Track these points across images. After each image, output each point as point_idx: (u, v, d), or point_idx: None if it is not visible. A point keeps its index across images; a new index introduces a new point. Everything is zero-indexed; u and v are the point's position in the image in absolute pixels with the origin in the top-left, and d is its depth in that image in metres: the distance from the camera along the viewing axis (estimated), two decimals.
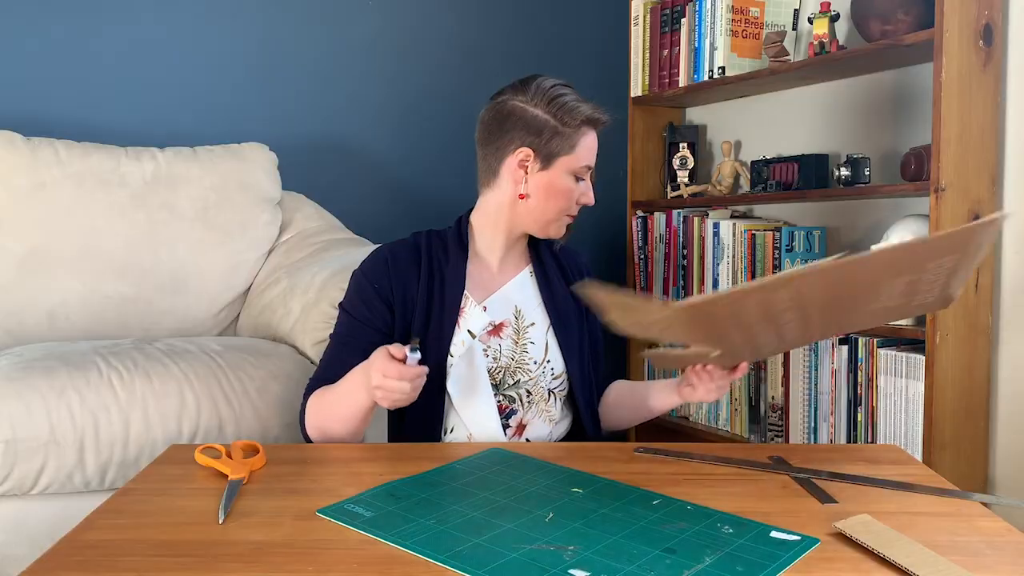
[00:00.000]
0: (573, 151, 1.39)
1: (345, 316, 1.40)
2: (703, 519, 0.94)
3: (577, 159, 1.40)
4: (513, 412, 1.40)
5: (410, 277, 1.40)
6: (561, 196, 1.40)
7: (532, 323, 1.43)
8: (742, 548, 0.86)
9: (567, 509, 0.97)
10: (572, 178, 1.40)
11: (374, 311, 1.38)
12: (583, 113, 1.39)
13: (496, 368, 1.39)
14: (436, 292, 1.39)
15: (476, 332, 1.38)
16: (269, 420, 1.68)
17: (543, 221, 1.42)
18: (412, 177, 2.78)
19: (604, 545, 0.87)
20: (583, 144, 1.40)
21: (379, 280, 1.39)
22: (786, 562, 0.83)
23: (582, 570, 0.81)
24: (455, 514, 0.94)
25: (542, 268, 1.48)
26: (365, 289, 1.39)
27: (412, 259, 1.42)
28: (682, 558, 0.84)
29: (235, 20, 2.52)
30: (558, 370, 1.43)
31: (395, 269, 1.40)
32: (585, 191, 1.43)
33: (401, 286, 1.39)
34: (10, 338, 1.95)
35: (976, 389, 1.96)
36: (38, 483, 1.53)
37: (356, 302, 1.40)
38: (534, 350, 1.42)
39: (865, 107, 2.32)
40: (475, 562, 0.82)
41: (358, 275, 1.42)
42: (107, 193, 2.06)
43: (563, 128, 1.38)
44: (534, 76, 1.43)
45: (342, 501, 0.97)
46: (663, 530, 0.91)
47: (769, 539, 0.89)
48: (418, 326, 1.37)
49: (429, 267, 1.41)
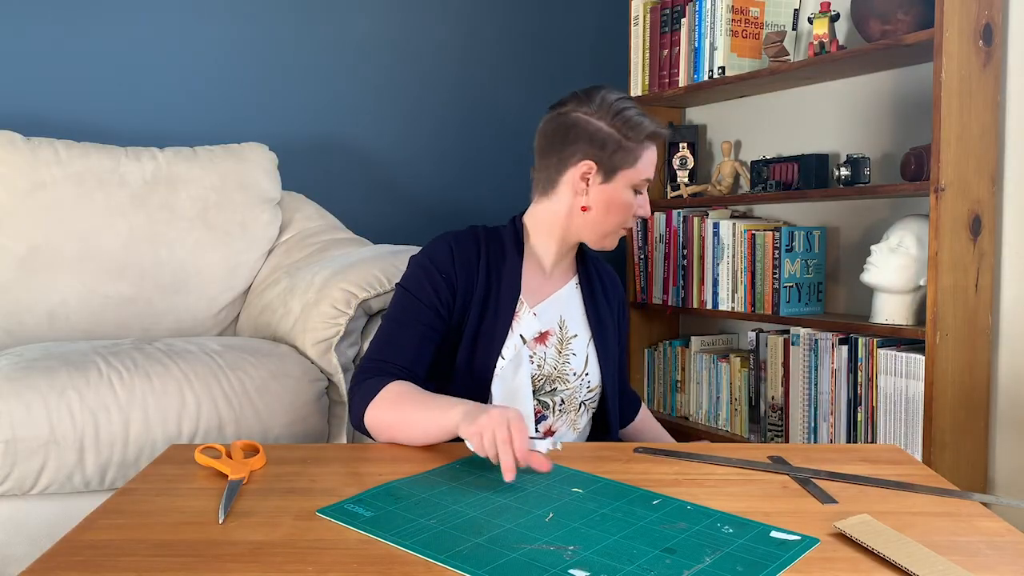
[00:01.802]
0: (635, 165, 1.39)
1: (404, 296, 1.37)
2: (703, 519, 0.94)
3: (638, 173, 1.40)
4: (543, 418, 1.41)
5: (471, 269, 1.39)
6: (621, 209, 1.40)
7: (575, 335, 1.44)
8: (742, 548, 0.86)
9: (567, 509, 0.97)
10: (631, 192, 1.41)
11: (439, 292, 1.36)
12: (647, 128, 1.39)
13: (539, 375, 1.40)
14: (493, 290, 1.39)
15: (527, 338, 1.38)
16: (269, 420, 1.68)
17: (600, 233, 1.42)
18: (412, 177, 2.78)
19: (604, 545, 0.86)
20: (645, 158, 1.40)
21: (444, 266, 1.37)
22: (786, 562, 0.83)
23: (582, 570, 0.81)
24: (455, 514, 0.94)
25: (588, 280, 1.49)
26: (430, 271, 1.37)
27: (473, 251, 1.41)
28: (682, 558, 0.84)
29: (235, 20, 2.52)
30: (594, 383, 1.45)
31: (459, 257, 1.39)
32: (642, 204, 1.44)
33: (464, 275, 1.38)
34: (10, 338, 1.95)
35: (976, 389, 1.96)
36: (38, 483, 1.53)
37: (420, 282, 1.36)
38: (575, 361, 1.43)
39: (865, 107, 2.32)
40: (475, 562, 0.82)
41: (422, 259, 1.39)
42: (107, 193, 2.06)
43: (627, 143, 1.38)
44: (598, 88, 1.41)
45: (342, 501, 0.97)
46: (663, 530, 0.90)
47: (769, 539, 0.89)
48: (473, 322, 1.37)
49: (488, 263, 1.40)
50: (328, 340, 1.79)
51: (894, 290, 2.04)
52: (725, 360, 2.51)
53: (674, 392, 2.69)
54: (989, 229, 1.95)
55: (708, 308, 2.51)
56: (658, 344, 2.76)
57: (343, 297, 1.79)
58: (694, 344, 2.63)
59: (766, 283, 2.34)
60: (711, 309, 2.50)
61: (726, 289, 2.46)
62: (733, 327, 2.74)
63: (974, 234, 1.93)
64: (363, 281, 1.81)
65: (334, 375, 1.79)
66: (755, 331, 2.37)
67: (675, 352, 2.69)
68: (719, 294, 2.48)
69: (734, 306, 2.44)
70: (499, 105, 2.88)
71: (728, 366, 2.49)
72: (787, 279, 2.30)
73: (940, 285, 1.88)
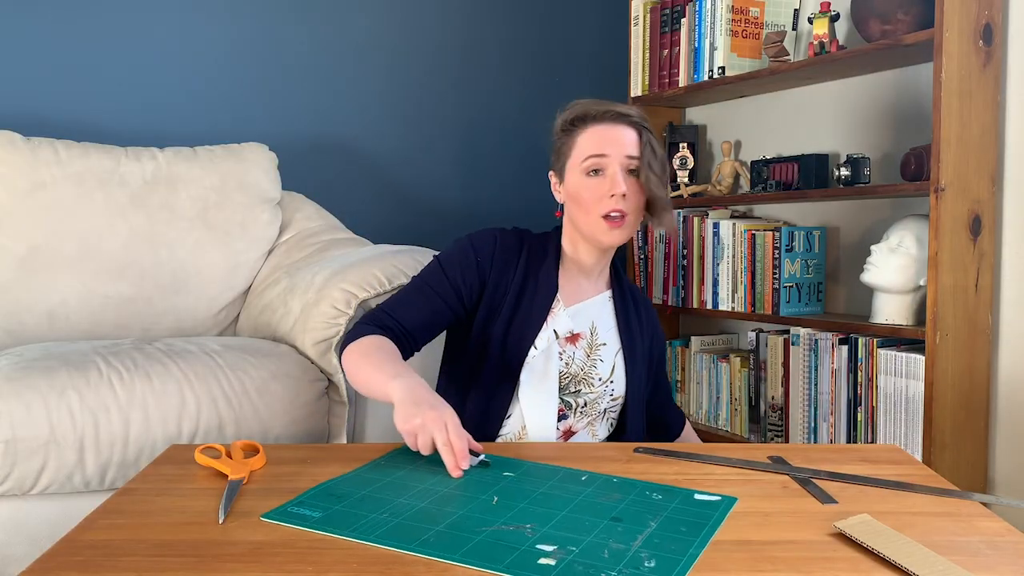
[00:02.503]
0: (572, 153, 1.40)
1: (437, 268, 1.42)
2: (632, 489, 1.02)
3: (579, 155, 1.39)
4: (565, 417, 1.42)
5: (509, 265, 1.43)
6: (581, 199, 1.39)
7: (604, 343, 1.46)
8: (676, 511, 0.95)
9: (507, 492, 1.00)
10: (584, 177, 1.38)
11: (467, 278, 1.40)
12: (572, 115, 1.41)
13: (565, 373, 1.42)
14: (530, 283, 1.42)
15: (560, 333, 1.41)
16: (269, 420, 1.68)
17: (583, 231, 1.41)
18: (412, 177, 2.78)
19: (557, 520, 0.92)
20: (581, 142, 1.39)
21: (484, 255, 1.42)
22: (718, 520, 0.93)
23: (548, 544, 0.85)
24: (403, 507, 0.95)
25: (622, 297, 1.50)
26: (468, 256, 1.42)
27: (515, 249, 1.44)
28: (630, 525, 0.91)
29: (235, 20, 2.52)
30: (618, 392, 1.46)
31: (501, 251, 1.43)
32: (608, 182, 1.37)
33: (500, 269, 1.42)
34: (10, 338, 1.95)
35: (976, 389, 1.96)
36: (38, 483, 1.53)
37: (455, 262, 1.41)
38: (602, 367, 1.45)
39: (865, 107, 2.32)
40: (444, 548, 0.84)
41: (465, 243, 1.43)
42: (107, 193, 2.06)
43: (562, 138, 1.42)
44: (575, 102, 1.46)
45: (285, 504, 0.96)
46: (602, 502, 0.97)
47: (695, 501, 0.99)
48: (503, 318, 1.40)
49: (527, 264, 1.43)
50: (328, 340, 1.79)
51: (894, 290, 2.04)
52: (725, 360, 2.51)
53: (674, 392, 2.69)
54: (989, 229, 1.95)
55: (708, 308, 2.51)
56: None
57: (343, 297, 1.79)
58: (694, 344, 2.63)
59: (766, 283, 2.34)
60: (711, 309, 2.50)
61: (726, 289, 2.46)
62: (733, 327, 2.74)
63: (974, 234, 1.93)
64: (363, 281, 1.81)
65: (334, 375, 1.79)
66: (755, 331, 2.37)
67: (675, 352, 2.69)
68: (719, 294, 2.48)
69: (734, 306, 2.44)
70: (499, 105, 2.88)
71: (728, 366, 2.49)
72: (787, 279, 2.30)
73: (940, 285, 1.88)
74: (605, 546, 0.85)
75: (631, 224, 1.38)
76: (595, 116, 1.40)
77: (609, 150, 1.37)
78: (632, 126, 1.39)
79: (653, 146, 1.39)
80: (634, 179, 1.38)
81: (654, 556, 0.83)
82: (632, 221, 1.38)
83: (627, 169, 1.37)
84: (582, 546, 0.85)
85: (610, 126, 1.39)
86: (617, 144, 1.37)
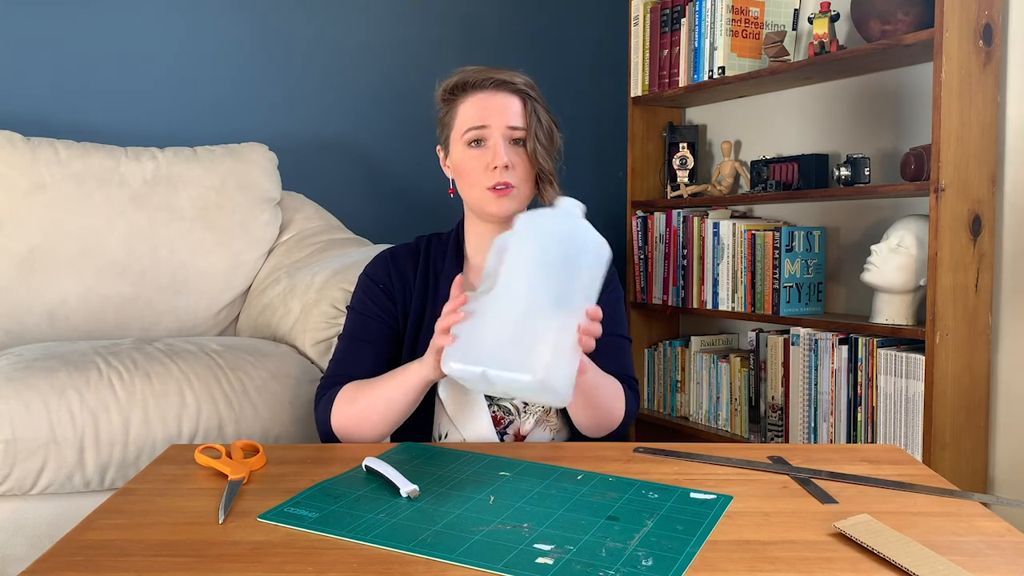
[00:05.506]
0: (454, 123, 1.36)
1: (353, 314, 1.40)
2: (628, 488, 1.02)
3: (460, 127, 1.34)
4: (510, 423, 1.35)
5: (408, 277, 1.40)
6: (464, 172, 1.34)
7: None
8: (673, 510, 0.95)
9: (503, 492, 1.00)
10: (468, 149, 1.33)
11: (380, 304, 1.39)
12: (452, 81, 1.36)
13: None
14: (431, 296, 1.38)
15: None
16: (269, 420, 1.68)
17: (473, 205, 1.37)
18: (412, 177, 2.78)
19: (554, 519, 0.92)
20: (461, 111, 1.35)
21: (381, 277, 1.40)
22: (714, 518, 0.93)
23: (546, 543, 0.85)
24: (400, 507, 0.95)
25: None
26: (369, 287, 1.41)
27: (411, 259, 1.42)
28: (627, 523, 0.91)
29: (235, 20, 2.52)
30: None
31: (395, 267, 1.41)
32: (488, 153, 1.32)
33: (400, 283, 1.40)
34: (10, 338, 1.95)
35: (976, 389, 1.96)
36: (38, 483, 1.53)
37: (363, 299, 1.40)
38: None
39: (865, 107, 2.32)
40: (442, 548, 0.84)
41: (362, 277, 1.43)
42: (107, 193, 2.06)
43: (443, 109, 1.39)
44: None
45: (281, 504, 0.96)
46: (598, 501, 0.98)
47: (691, 499, 0.99)
48: (411, 329, 1.37)
49: (426, 270, 1.41)
50: (328, 340, 1.79)
51: (894, 290, 2.04)
52: (725, 360, 2.51)
53: (674, 392, 2.69)
54: (989, 229, 1.95)
55: (708, 308, 2.51)
56: (658, 344, 2.76)
57: (343, 297, 1.79)
58: (694, 344, 2.63)
59: (766, 283, 2.34)
60: (711, 309, 2.50)
61: (726, 289, 2.46)
62: (733, 327, 2.74)
63: (974, 234, 1.93)
64: None
65: None
66: (755, 331, 2.37)
67: (675, 352, 2.69)
68: (719, 294, 2.48)
69: (734, 306, 2.44)
70: None
71: (728, 366, 2.49)
72: (787, 279, 2.30)
73: (940, 285, 1.88)
74: (602, 545, 0.85)
75: (522, 193, 1.33)
76: (475, 84, 1.34)
77: (490, 120, 1.32)
78: (516, 94, 1.34)
79: (539, 115, 1.34)
80: (521, 147, 1.33)
81: (651, 555, 0.83)
82: (523, 191, 1.33)
83: (510, 139, 1.32)
84: (579, 545, 0.85)
85: (491, 94, 1.33)
86: (499, 113, 1.32)
